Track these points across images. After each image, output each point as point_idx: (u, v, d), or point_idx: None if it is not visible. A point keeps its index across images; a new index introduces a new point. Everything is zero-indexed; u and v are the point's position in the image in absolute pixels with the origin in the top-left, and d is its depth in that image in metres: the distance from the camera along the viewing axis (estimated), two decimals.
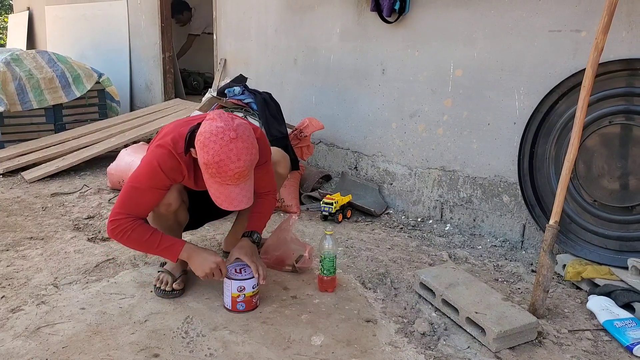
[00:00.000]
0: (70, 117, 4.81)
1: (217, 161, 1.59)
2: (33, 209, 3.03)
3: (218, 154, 1.59)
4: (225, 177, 1.62)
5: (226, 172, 1.61)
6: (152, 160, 1.78)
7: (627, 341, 1.74)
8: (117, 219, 1.78)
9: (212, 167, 1.61)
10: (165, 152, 1.77)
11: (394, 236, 2.78)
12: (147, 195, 1.81)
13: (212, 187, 1.68)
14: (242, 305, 1.87)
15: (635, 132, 2.13)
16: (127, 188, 1.80)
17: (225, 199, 1.67)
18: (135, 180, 1.80)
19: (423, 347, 1.72)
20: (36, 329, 1.75)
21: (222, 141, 1.59)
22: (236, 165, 1.60)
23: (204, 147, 1.60)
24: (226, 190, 1.66)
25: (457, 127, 2.83)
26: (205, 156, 1.60)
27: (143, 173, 1.80)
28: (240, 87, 3.17)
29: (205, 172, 1.66)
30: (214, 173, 1.62)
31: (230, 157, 1.59)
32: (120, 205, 1.80)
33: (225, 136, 1.59)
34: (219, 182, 1.65)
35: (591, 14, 2.24)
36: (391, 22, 3.05)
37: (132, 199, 1.80)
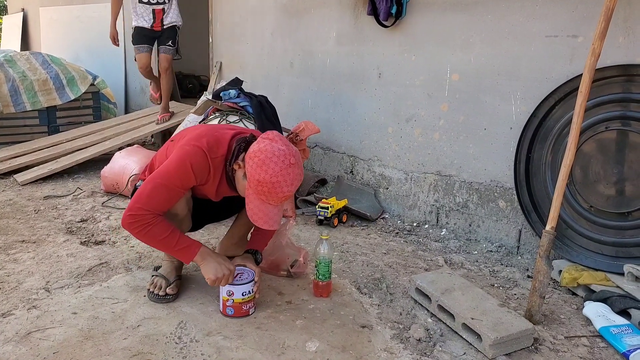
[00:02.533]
0: (64, 119, 4.78)
1: (273, 182, 1.63)
2: (25, 211, 2.99)
3: (276, 175, 1.63)
4: (274, 197, 1.67)
5: (277, 194, 1.66)
6: (185, 160, 1.76)
7: (623, 348, 1.73)
8: (137, 213, 1.74)
9: (266, 187, 1.64)
10: (200, 154, 1.76)
11: (390, 241, 2.77)
12: (173, 194, 1.79)
13: (252, 203, 1.71)
14: (231, 310, 1.86)
15: (631, 138, 2.13)
16: (153, 184, 1.76)
17: (263, 216, 1.71)
18: (164, 177, 1.77)
19: (419, 353, 1.70)
20: (27, 334, 1.72)
21: (282, 164, 1.64)
22: (289, 189, 1.66)
23: (262, 165, 1.63)
24: (266, 209, 1.70)
25: (453, 131, 2.82)
26: (262, 174, 1.63)
27: (173, 170, 1.77)
28: (236, 90, 3.15)
29: (254, 189, 1.68)
30: (264, 192, 1.66)
31: (286, 181, 1.65)
32: (144, 200, 1.75)
33: (286, 160, 1.65)
34: (262, 200, 1.69)
35: (588, 20, 2.24)
36: (388, 26, 3.05)
37: (158, 196, 1.76)
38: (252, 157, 1.67)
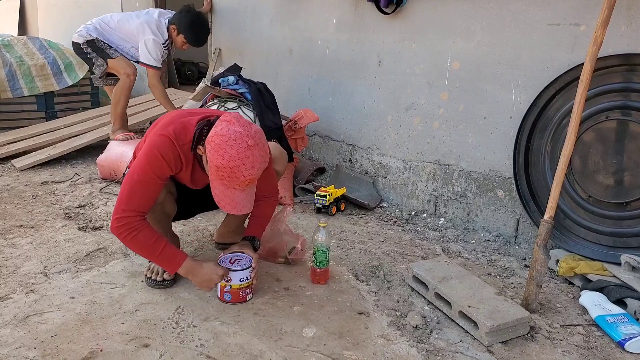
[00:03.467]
0: (62, 105, 4.75)
1: (231, 166, 1.58)
2: (23, 197, 2.99)
3: (234, 159, 1.57)
4: (234, 182, 1.62)
5: (238, 178, 1.61)
6: (153, 150, 1.73)
7: (618, 336, 1.74)
8: (124, 216, 1.72)
9: (224, 171, 1.60)
10: (167, 142, 1.73)
11: (388, 229, 2.77)
12: (151, 187, 1.76)
13: (217, 189, 1.67)
14: (229, 295, 1.86)
15: (631, 128, 2.12)
16: (130, 182, 1.74)
17: (230, 202, 1.67)
18: (138, 172, 1.74)
19: (415, 340, 1.71)
20: (25, 318, 1.72)
21: (239, 147, 1.57)
22: (249, 173, 1.61)
23: (219, 150, 1.58)
24: (232, 194, 1.66)
25: (452, 120, 2.82)
26: (219, 159, 1.58)
27: (144, 164, 1.74)
28: (235, 76, 3.14)
29: (214, 174, 1.64)
30: (224, 177, 1.61)
31: (245, 164, 1.59)
32: (126, 201, 1.73)
33: (243, 142, 1.58)
34: (225, 185, 1.65)
35: (590, 8, 2.22)
36: (388, 13, 3.03)
37: (137, 193, 1.74)
38: (209, 142, 1.62)
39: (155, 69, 3.67)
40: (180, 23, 3.68)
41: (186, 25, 3.66)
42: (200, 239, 2.48)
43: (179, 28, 3.69)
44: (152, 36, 3.61)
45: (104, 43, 3.66)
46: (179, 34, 3.71)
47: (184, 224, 2.60)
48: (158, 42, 3.63)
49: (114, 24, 3.71)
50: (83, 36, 3.67)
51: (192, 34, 3.71)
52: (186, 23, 3.66)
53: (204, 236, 2.51)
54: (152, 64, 3.65)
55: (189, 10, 3.71)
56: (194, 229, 2.59)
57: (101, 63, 3.69)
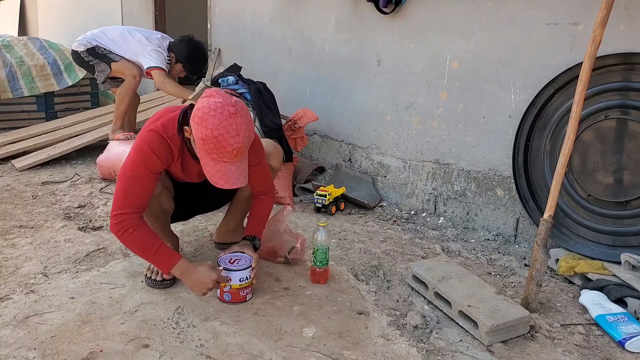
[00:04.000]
0: (62, 105, 4.76)
1: (216, 135, 1.56)
2: (23, 197, 2.99)
3: (217, 128, 1.56)
4: (223, 152, 1.59)
5: (225, 147, 1.58)
6: (142, 145, 1.75)
7: (619, 336, 1.74)
8: (121, 213, 1.72)
9: (211, 142, 1.57)
10: (155, 136, 1.75)
11: (387, 229, 2.77)
12: (145, 182, 1.77)
13: (208, 165, 1.65)
14: (229, 295, 1.86)
15: (630, 127, 2.12)
16: (123, 179, 1.75)
17: (222, 176, 1.64)
18: (130, 169, 1.75)
19: (415, 340, 1.71)
20: (25, 318, 1.72)
21: (221, 116, 1.57)
22: (235, 140, 1.58)
23: (202, 122, 1.57)
24: (223, 167, 1.63)
25: (452, 120, 2.82)
26: (203, 131, 1.57)
27: (136, 160, 1.75)
28: (234, 76, 3.14)
29: (202, 149, 1.62)
30: (212, 149, 1.59)
31: (230, 132, 1.57)
32: (122, 198, 1.74)
33: (224, 111, 1.57)
34: (215, 159, 1.62)
35: (589, 7, 2.22)
36: (387, 13, 3.03)
37: (132, 190, 1.75)
38: (192, 119, 1.61)
39: (162, 70, 3.59)
40: (179, 52, 3.63)
41: (185, 55, 3.62)
42: (200, 238, 2.48)
43: (177, 57, 3.64)
44: (155, 47, 3.59)
45: (104, 49, 3.64)
46: (177, 62, 3.66)
47: (184, 224, 2.60)
48: (161, 52, 3.60)
49: (115, 36, 3.68)
50: (83, 44, 3.64)
51: (191, 65, 3.66)
52: (185, 53, 3.61)
53: (203, 236, 2.51)
54: (159, 65, 3.57)
55: (189, 41, 3.66)
56: (194, 228, 2.59)
57: (104, 68, 3.65)
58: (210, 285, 1.79)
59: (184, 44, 3.63)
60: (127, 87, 3.67)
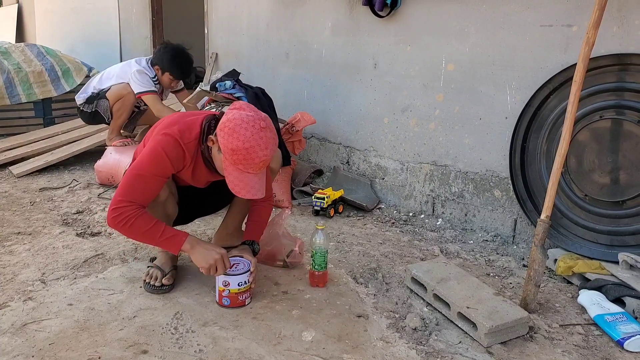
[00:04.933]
0: (60, 111, 4.76)
1: (247, 147, 1.63)
2: (21, 203, 2.99)
3: (249, 140, 1.63)
4: (250, 164, 1.67)
5: (253, 160, 1.65)
6: (158, 148, 1.77)
7: (617, 335, 1.74)
8: (119, 206, 1.74)
9: (241, 154, 1.64)
10: (172, 140, 1.77)
11: (386, 231, 2.78)
12: (151, 183, 1.79)
13: (232, 175, 1.70)
14: (227, 300, 1.86)
15: (625, 127, 2.13)
16: (130, 175, 1.77)
17: (244, 186, 1.70)
18: (140, 167, 1.77)
19: (414, 342, 1.71)
20: (22, 326, 1.72)
21: (253, 129, 1.64)
22: (264, 154, 1.66)
23: (233, 133, 1.63)
24: (246, 178, 1.70)
25: (448, 121, 2.82)
26: (234, 142, 1.63)
27: (148, 160, 1.77)
28: (232, 81, 3.15)
29: (229, 159, 1.68)
30: (240, 160, 1.65)
31: (260, 145, 1.65)
32: (123, 192, 1.76)
33: (256, 124, 1.65)
34: (240, 170, 1.69)
35: (582, 9, 2.23)
36: (383, 17, 3.04)
37: (136, 187, 1.77)
38: (222, 129, 1.67)
39: (152, 93, 3.49)
40: (162, 62, 3.51)
41: (168, 61, 3.50)
42: None
43: (162, 67, 3.53)
44: (138, 67, 3.50)
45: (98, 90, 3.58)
46: (163, 72, 3.54)
47: (182, 229, 2.59)
48: (144, 72, 3.49)
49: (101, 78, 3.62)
50: (82, 97, 3.60)
51: (176, 69, 3.54)
52: (167, 59, 3.49)
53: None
54: (148, 88, 3.47)
55: (167, 46, 3.56)
56: (192, 233, 2.58)
57: (103, 102, 3.56)
58: (217, 257, 1.81)
59: (162, 52, 3.53)
60: (125, 103, 3.56)
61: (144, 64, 3.56)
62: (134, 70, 3.47)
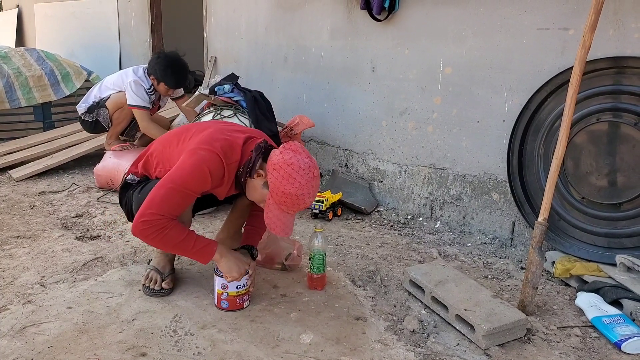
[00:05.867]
0: (59, 115, 4.76)
1: (298, 194, 1.67)
2: (20, 207, 3.00)
3: (302, 187, 1.67)
4: (294, 208, 1.71)
5: (299, 205, 1.70)
6: (203, 165, 1.73)
7: (615, 337, 1.75)
8: (151, 219, 1.70)
9: (290, 198, 1.68)
10: (216, 160, 1.75)
11: (384, 234, 2.78)
12: (188, 199, 1.77)
13: (272, 212, 1.73)
14: (226, 303, 1.87)
15: (622, 130, 2.14)
16: (167, 190, 1.72)
17: (282, 225, 1.74)
18: (179, 183, 1.73)
19: (412, 344, 1.72)
20: (22, 329, 1.72)
21: (307, 177, 1.68)
22: (310, 201, 1.72)
23: (288, 178, 1.66)
24: (284, 217, 1.74)
25: (446, 124, 2.83)
26: (288, 187, 1.67)
27: (189, 176, 1.73)
28: (230, 84, 3.15)
29: (276, 199, 1.70)
30: (287, 202, 1.69)
31: (310, 193, 1.70)
32: (158, 205, 1.71)
33: (310, 173, 1.70)
34: (281, 210, 1.72)
35: (579, 12, 2.25)
36: (381, 20, 3.05)
37: (172, 201, 1.73)
38: (277, 169, 1.68)
39: (143, 109, 3.46)
40: (156, 72, 3.46)
41: (162, 71, 3.44)
42: None
43: (157, 77, 3.48)
44: (135, 78, 3.47)
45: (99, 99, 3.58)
46: (159, 82, 3.50)
47: None
48: (140, 84, 3.47)
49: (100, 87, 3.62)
50: (83, 107, 3.60)
51: (170, 78, 3.48)
52: (161, 69, 3.43)
53: None
54: (139, 104, 3.44)
55: (159, 56, 3.51)
56: None
57: (103, 112, 3.55)
58: (247, 267, 1.85)
59: (155, 60, 3.49)
60: (125, 110, 3.54)
61: (141, 73, 3.53)
62: (130, 80, 3.46)
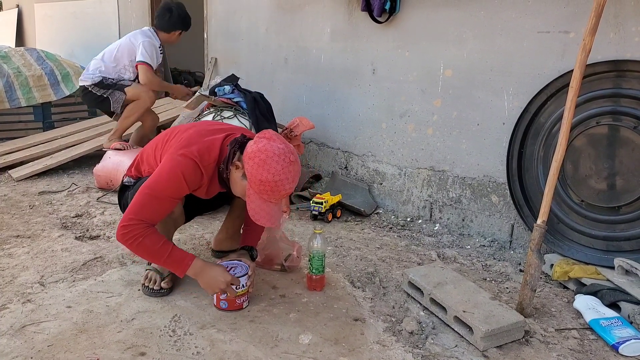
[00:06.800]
0: (59, 115, 4.77)
1: (276, 180, 1.66)
2: (20, 207, 3.00)
3: (279, 173, 1.66)
4: (276, 196, 1.70)
5: (279, 192, 1.69)
6: (177, 171, 1.75)
7: (612, 340, 1.75)
8: (129, 224, 1.72)
9: (268, 185, 1.67)
10: (191, 164, 1.76)
11: (383, 236, 2.79)
12: (165, 204, 1.78)
13: (254, 203, 1.72)
14: (225, 303, 1.87)
15: (622, 133, 2.15)
16: (144, 196, 1.75)
17: (266, 215, 1.73)
18: (155, 189, 1.75)
19: (411, 345, 1.72)
20: (21, 328, 1.73)
21: (284, 162, 1.67)
22: (290, 187, 1.70)
23: (264, 165, 1.66)
24: (268, 207, 1.73)
25: (446, 127, 2.84)
26: (264, 174, 1.66)
27: (165, 182, 1.76)
28: (231, 86, 3.16)
29: (255, 189, 1.70)
30: (267, 190, 1.68)
31: (288, 179, 1.68)
32: (135, 211, 1.74)
33: (286, 158, 1.68)
34: (263, 200, 1.72)
35: (579, 16, 2.26)
36: (382, 22, 3.06)
37: (150, 207, 1.75)
38: (252, 158, 1.68)
39: (149, 66, 3.60)
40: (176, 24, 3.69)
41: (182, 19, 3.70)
42: (197, 247, 2.49)
43: (170, 27, 3.68)
44: (147, 39, 3.61)
45: (112, 79, 3.64)
46: (171, 31, 3.71)
47: (181, 232, 2.61)
48: (153, 44, 3.62)
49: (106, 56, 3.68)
50: (90, 79, 3.64)
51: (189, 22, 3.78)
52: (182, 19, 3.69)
53: (200, 244, 2.52)
54: (148, 61, 3.59)
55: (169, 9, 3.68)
56: (191, 237, 2.60)
57: (119, 95, 3.61)
58: (222, 287, 1.81)
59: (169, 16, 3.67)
60: (141, 105, 3.62)
61: (150, 34, 3.68)
62: (144, 40, 3.60)
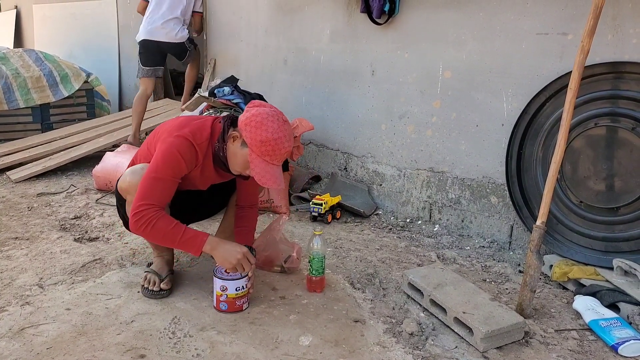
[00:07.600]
0: (58, 116, 4.77)
1: (275, 138, 1.73)
2: (18, 209, 2.99)
3: (276, 131, 1.73)
4: (277, 155, 1.76)
5: (280, 150, 1.75)
6: (173, 150, 1.79)
7: (612, 340, 1.75)
8: (140, 210, 1.75)
9: (270, 144, 1.73)
10: (185, 142, 1.81)
11: (383, 237, 2.79)
12: (168, 185, 1.81)
13: (258, 167, 1.77)
14: (225, 305, 1.87)
15: (620, 134, 2.15)
16: (148, 180, 1.79)
17: (271, 177, 1.77)
18: (156, 171, 1.79)
19: (411, 347, 1.72)
20: (20, 330, 1.72)
21: (278, 122, 1.75)
22: (289, 144, 1.77)
23: (261, 126, 1.73)
24: (272, 169, 1.78)
25: (445, 128, 2.84)
26: (263, 134, 1.72)
27: (163, 162, 1.80)
28: (230, 87, 3.16)
29: (256, 151, 1.75)
30: (269, 151, 1.74)
31: (285, 136, 1.76)
32: (142, 197, 1.77)
33: (279, 118, 1.77)
34: (266, 162, 1.76)
35: (578, 17, 2.26)
36: (381, 24, 3.06)
37: (155, 190, 1.79)
38: (248, 123, 1.75)
39: None
40: None
41: None
42: None
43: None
44: None
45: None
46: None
47: None
48: None
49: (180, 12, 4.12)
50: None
51: None
52: None
53: None
54: None
55: None
56: None
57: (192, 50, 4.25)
58: (239, 257, 1.82)
59: None
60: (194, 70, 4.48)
61: None
62: None
